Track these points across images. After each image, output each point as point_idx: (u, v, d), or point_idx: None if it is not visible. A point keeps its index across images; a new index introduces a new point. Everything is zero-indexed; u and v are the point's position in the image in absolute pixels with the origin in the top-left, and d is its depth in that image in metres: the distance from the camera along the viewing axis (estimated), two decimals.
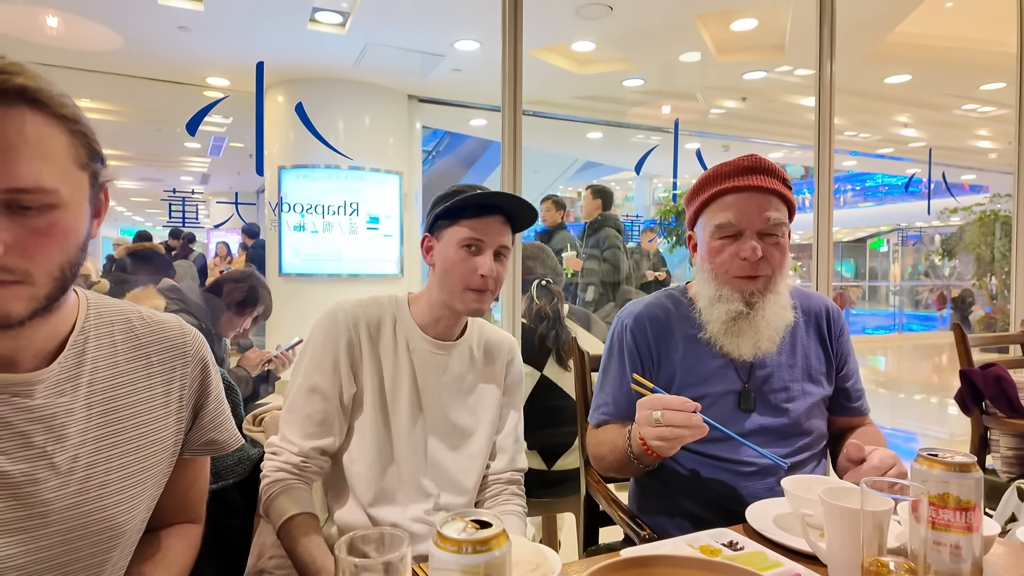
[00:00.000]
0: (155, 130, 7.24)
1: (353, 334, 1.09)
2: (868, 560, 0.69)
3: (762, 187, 1.10)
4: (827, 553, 0.77)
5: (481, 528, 0.51)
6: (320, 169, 5.38)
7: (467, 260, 1.07)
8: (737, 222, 1.11)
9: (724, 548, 0.82)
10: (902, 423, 5.23)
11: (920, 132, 7.79)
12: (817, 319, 1.24)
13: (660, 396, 0.98)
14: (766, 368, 1.17)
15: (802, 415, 1.17)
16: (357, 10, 4.12)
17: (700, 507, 1.15)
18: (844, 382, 1.24)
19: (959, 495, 0.70)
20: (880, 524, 0.70)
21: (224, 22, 4.24)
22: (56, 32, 4.14)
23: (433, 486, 1.12)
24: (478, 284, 1.07)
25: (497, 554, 0.50)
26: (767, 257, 1.11)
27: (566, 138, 7.99)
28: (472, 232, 1.07)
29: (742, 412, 1.15)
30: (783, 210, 1.12)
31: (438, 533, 0.51)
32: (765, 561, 0.79)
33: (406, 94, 5.91)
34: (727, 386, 1.16)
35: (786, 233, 1.13)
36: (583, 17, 4.22)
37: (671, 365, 1.19)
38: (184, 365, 0.78)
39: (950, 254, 9.45)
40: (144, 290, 2.16)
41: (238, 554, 1.20)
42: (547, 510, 1.95)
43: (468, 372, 1.17)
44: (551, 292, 1.91)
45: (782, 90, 5.96)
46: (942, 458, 0.73)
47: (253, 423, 1.34)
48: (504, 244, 1.10)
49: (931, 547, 0.71)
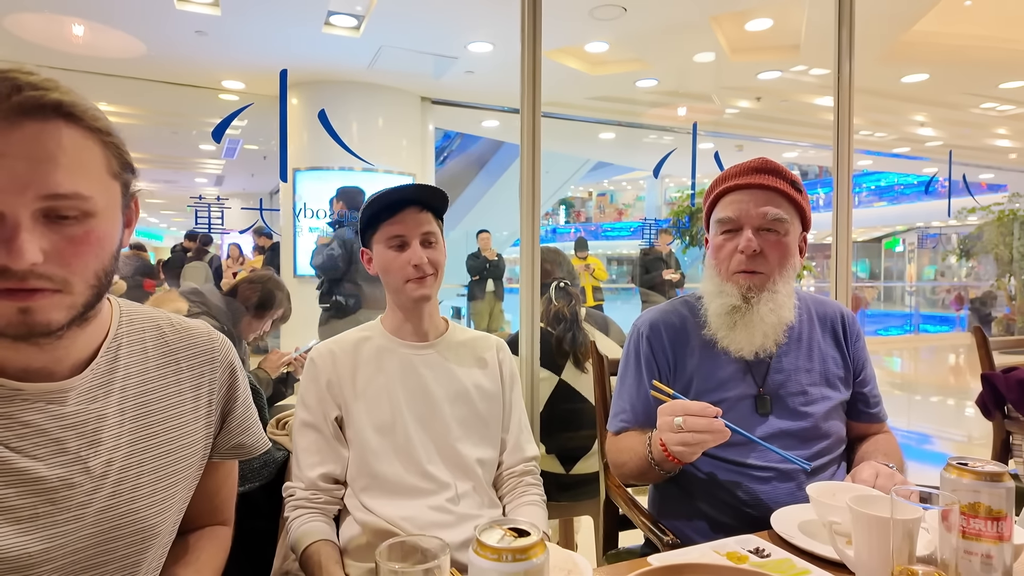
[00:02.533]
0: (171, 133, 7.33)
1: (331, 372, 1.16)
2: (898, 568, 0.69)
3: (763, 185, 1.13)
4: (855, 561, 0.77)
5: (520, 536, 0.52)
6: (334, 171, 5.42)
7: (397, 257, 1.15)
8: (736, 217, 1.14)
9: (751, 555, 0.83)
10: (919, 425, 5.17)
11: (937, 131, 7.71)
12: (833, 325, 1.25)
13: (681, 402, 0.99)
14: (783, 372, 1.18)
15: (820, 418, 1.17)
16: (372, 13, 4.15)
17: (718, 511, 1.15)
18: (861, 387, 1.25)
19: (990, 504, 0.70)
20: (910, 532, 0.70)
21: (240, 26, 4.28)
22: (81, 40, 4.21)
23: (444, 475, 1.14)
24: (413, 274, 1.14)
25: (536, 562, 0.51)
26: (765, 253, 1.12)
27: (578, 139, 7.98)
28: (392, 230, 1.15)
29: (759, 416, 1.16)
30: (785, 208, 1.14)
31: (477, 541, 0.52)
32: (793, 568, 0.79)
33: (419, 96, 5.94)
34: (744, 390, 1.17)
35: (788, 231, 1.14)
36: (597, 18, 4.22)
37: (688, 371, 1.21)
38: (212, 371, 0.80)
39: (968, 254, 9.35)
40: (167, 293, 2.19)
41: (264, 556, 1.22)
42: (565, 513, 1.95)
43: (457, 368, 1.21)
44: (569, 294, 1.92)
45: (797, 90, 5.92)
46: (972, 467, 0.73)
47: (277, 427, 1.36)
48: (427, 231, 1.16)
49: (962, 556, 0.71)
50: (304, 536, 1.08)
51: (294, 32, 4.37)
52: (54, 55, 4.56)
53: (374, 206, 1.16)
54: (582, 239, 7.56)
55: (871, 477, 0.99)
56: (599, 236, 20.41)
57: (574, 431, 1.85)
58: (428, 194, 1.17)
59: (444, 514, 1.12)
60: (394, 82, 5.55)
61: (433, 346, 1.21)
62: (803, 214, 1.17)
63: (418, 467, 1.13)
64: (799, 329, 1.22)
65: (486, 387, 1.22)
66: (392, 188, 1.16)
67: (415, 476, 1.13)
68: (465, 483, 1.16)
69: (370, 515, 1.12)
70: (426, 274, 1.15)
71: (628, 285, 6.45)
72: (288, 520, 1.12)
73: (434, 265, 1.16)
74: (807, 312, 1.25)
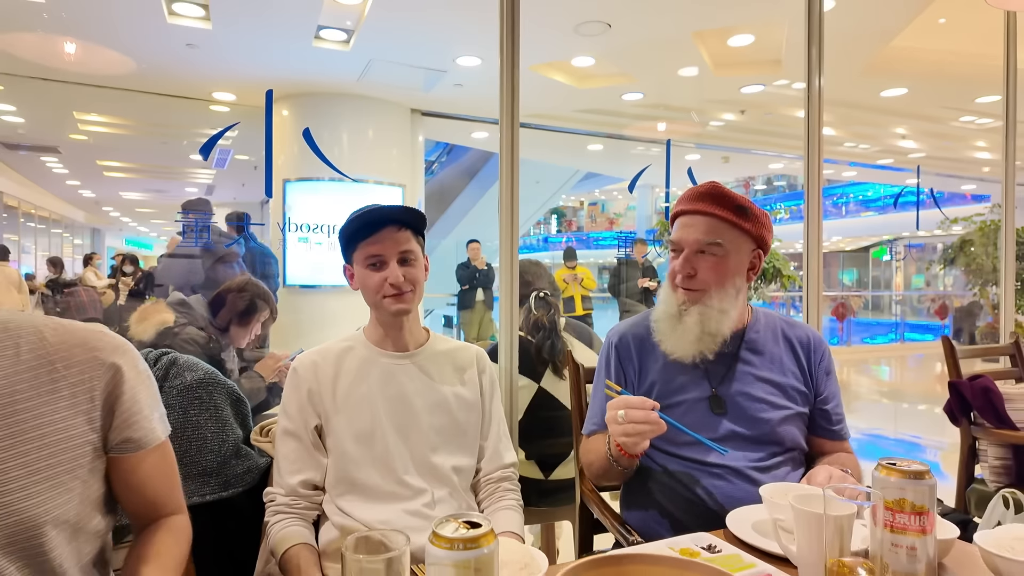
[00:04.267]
0: (161, 143, 7.35)
1: (312, 381, 1.20)
2: (831, 561, 0.74)
3: (704, 212, 1.24)
4: (797, 555, 0.83)
5: (471, 528, 0.57)
6: (324, 182, 5.46)
7: (374, 275, 1.19)
8: (678, 240, 1.27)
9: (703, 551, 0.88)
10: (904, 433, 5.25)
11: (918, 143, 7.86)
12: (797, 345, 1.33)
13: (625, 397, 1.09)
14: (741, 380, 1.27)
15: (775, 424, 1.24)
16: (361, 28, 4.21)
17: (677, 507, 1.23)
18: (823, 404, 1.32)
19: (914, 500, 0.76)
20: (842, 527, 0.76)
21: (231, 39, 4.34)
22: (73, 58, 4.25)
23: (420, 483, 1.18)
24: (390, 291, 1.19)
25: (485, 551, 0.56)
26: (699, 274, 1.24)
27: (567, 150, 8.08)
28: (370, 250, 1.19)
29: (715, 416, 1.24)
30: (726, 233, 1.23)
31: (433, 532, 0.57)
32: (740, 563, 0.85)
33: (409, 108, 6.00)
34: (700, 393, 1.26)
35: (728, 254, 1.24)
36: (582, 34, 4.31)
37: (651, 377, 1.30)
38: (93, 369, 0.84)
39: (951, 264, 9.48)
40: (155, 304, 2.23)
41: (246, 560, 1.27)
42: (545, 519, 2.00)
43: (437, 378, 1.25)
44: (548, 304, 1.97)
45: (780, 103, 6.04)
46: (899, 466, 0.79)
47: (260, 434, 1.41)
48: (405, 249, 1.19)
49: (889, 549, 0.76)
50: (283, 540, 1.12)
51: (284, 45, 4.43)
52: (46, 71, 4.59)
53: (353, 226, 1.20)
54: (571, 249, 7.64)
55: (825, 480, 1.05)
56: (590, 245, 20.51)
57: (553, 438, 1.91)
58: (405, 214, 1.21)
59: (420, 519, 1.16)
60: (384, 94, 5.61)
61: (413, 356, 1.25)
62: (751, 234, 1.25)
63: (395, 476, 1.17)
64: (762, 343, 1.31)
65: (465, 396, 1.26)
66: (369, 208, 1.20)
67: (392, 484, 1.17)
68: (441, 489, 1.20)
69: (348, 519, 1.16)
70: (403, 291, 1.19)
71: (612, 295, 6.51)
72: (268, 525, 1.16)
73: (412, 282, 1.20)
74: (772, 330, 1.33)
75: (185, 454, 1.20)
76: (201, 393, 1.24)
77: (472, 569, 0.55)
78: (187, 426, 1.21)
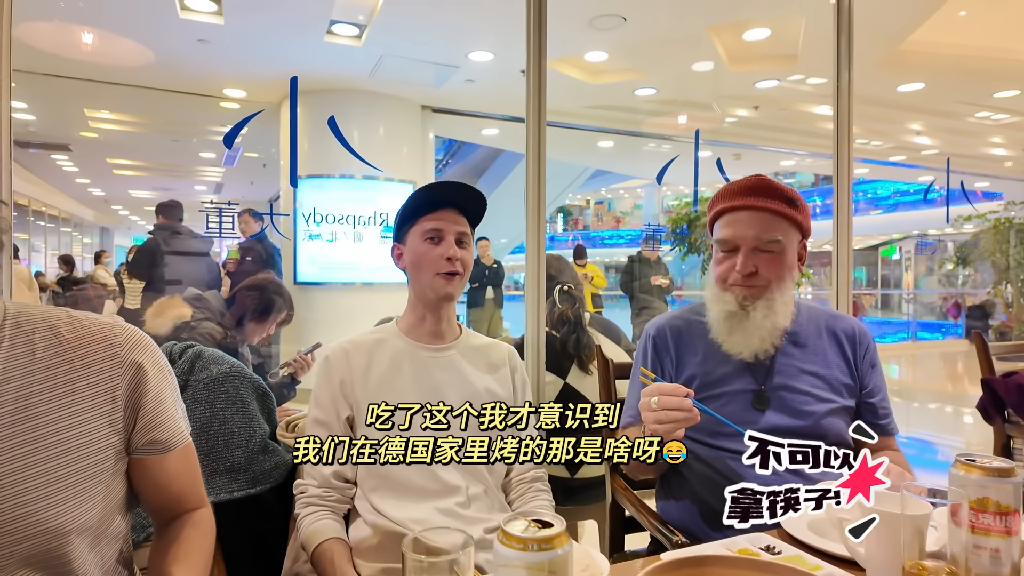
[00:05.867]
0: (172, 141, 7.34)
1: (345, 372, 1.18)
2: (909, 563, 0.70)
3: (759, 207, 1.19)
4: (866, 557, 0.79)
5: (543, 527, 0.53)
6: (335, 179, 5.43)
7: (432, 249, 1.18)
8: (733, 239, 1.21)
9: (762, 552, 0.84)
10: (918, 432, 5.19)
11: (933, 140, 7.77)
12: (843, 338, 1.29)
13: (658, 384, 1.06)
14: (785, 373, 1.23)
15: (820, 419, 1.20)
16: (373, 23, 4.18)
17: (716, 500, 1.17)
18: (870, 397, 1.28)
19: (998, 500, 0.71)
20: (920, 528, 0.71)
21: (243, 35, 4.31)
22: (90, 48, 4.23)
23: (455, 478, 1.15)
24: (446, 268, 1.17)
25: (560, 552, 0.52)
26: (760, 271, 1.19)
27: (577, 147, 8.02)
28: (431, 224, 1.18)
29: (756, 411, 1.21)
30: (781, 227, 1.20)
31: (502, 531, 0.53)
32: (804, 565, 0.80)
33: (420, 104, 5.96)
34: (743, 385, 1.23)
35: (784, 249, 1.20)
36: (596, 28, 4.26)
37: (690, 369, 1.27)
38: (113, 368, 0.79)
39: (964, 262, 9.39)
40: (170, 299, 2.20)
41: (274, 558, 1.23)
42: (570, 518, 1.96)
43: (471, 372, 1.22)
44: (573, 297, 1.93)
45: (795, 99, 5.97)
46: (980, 463, 0.74)
47: (286, 429, 1.37)
48: (462, 231, 1.20)
49: (972, 551, 0.72)
50: (315, 534, 1.09)
51: (297, 41, 4.40)
52: (62, 62, 4.57)
53: (416, 200, 1.20)
54: (580, 247, 7.59)
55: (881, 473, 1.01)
56: (597, 244, 20.46)
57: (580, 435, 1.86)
58: (469, 197, 1.21)
59: (453, 518, 1.13)
60: (395, 91, 5.58)
61: (447, 349, 1.23)
62: (801, 225, 1.22)
63: (428, 469, 1.14)
64: (805, 335, 1.27)
65: (498, 392, 1.24)
66: (435, 185, 1.21)
67: (424, 478, 1.14)
68: (477, 486, 1.17)
69: (380, 517, 1.12)
70: (456, 271, 1.18)
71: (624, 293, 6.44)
72: (299, 518, 1.13)
73: (464, 264, 1.20)
74: (815, 323, 1.30)
75: (212, 450, 1.16)
76: (227, 387, 1.20)
77: (546, 571, 0.51)
78: (214, 421, 1.18)
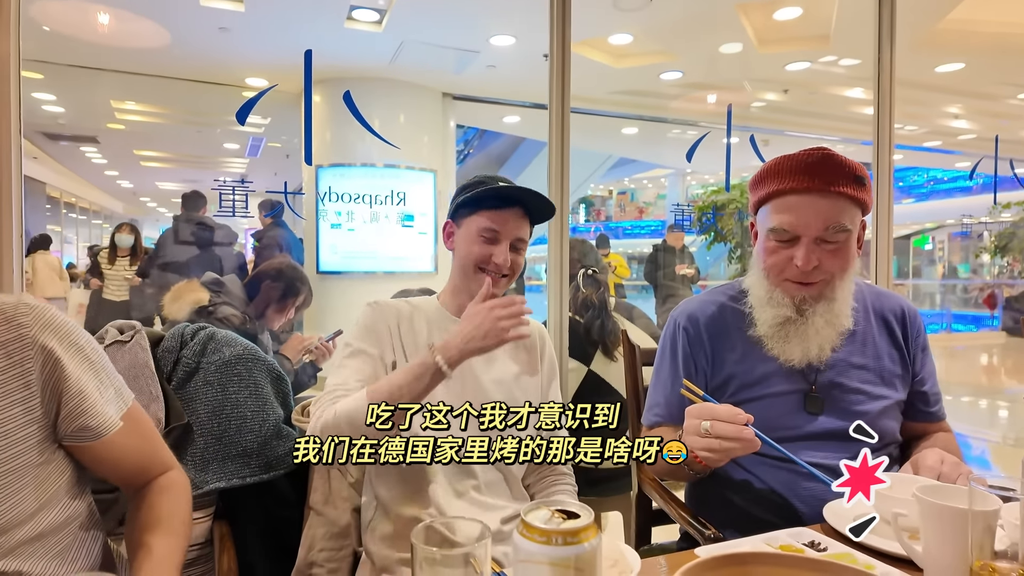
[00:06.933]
0: (196, 132, 7.40)
1: (392, 321, 1.14)
2: (978, 564, 0.63)
3: (822, 189, 1.03)
4: (924, 556, 0.71)
5: (569, 518, 0.48)
6: (356, 167, 5.41)
7: (484, 248, 1.12)
8: (793, 228, 1.04)
9: (807, 548, 0.77)
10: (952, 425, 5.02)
11: (972, 123, 7.48)
12: (892, 320, 1.18)
13: (709, 405, 0.92)
14: (835, 369, 1.11)
15: (873, 418, 1.09)
16: (394, 7, 4.13)
17: (753, 504, 1.10)
18: (920, 386, 1.18)
19: None
20: (990, 525, 0.64)
21: (264, 22, 4.29)
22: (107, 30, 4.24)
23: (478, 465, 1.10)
24: (493, 270, 1.12)
25: (587, 547, 0.46)
26: (823, 264, 1.04)
27: (600, 134, 7.87)
28: (490, 223, 1.12)
29: (808, 414, 1.09)
30: (848, 213, 1.04)
31: (523, 522, 0.47)
32: (855, 562, 0.73)
33: (440, 92, 5.91)
34: (791, 386, 1.10)
35: (849, 236, 1.05)
36: (621, 9, 4.14)
37: (728, 366, 1.14)
38: (22, 350, 0.72)
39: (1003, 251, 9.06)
40: (188, 283, 2.18)
41: (289, 546, 1.19)
42: (593, 508, 1.90)
43: (500, 353, 1.17)
44: (597, 282, 1.87)
45: (826, 81, 5.77)
46: None
47: (301, 414, 1.33)
48: (520, 236, 1.15)
49: None
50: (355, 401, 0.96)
51: (317, 26, 4.37)
52: (80, 46, 4.59)
53: (481, 192, 1.12)
54: (603, 236, 7.49)
55: (936, 463, 0.92)
56: (619, 235, 20.24)
57: None
58: (538, 202, 1.14)
59: (469, 503, 1.08)
60: (416, 78, 5.53)
61: None
62: (865, 205, 1.07)
63: None
64: (854, 322, 1.14)
65: (526, 374, 1.20)
66: (508, 184, 1.14)
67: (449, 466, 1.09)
68: (492, 472, 1.12)
69: (393, 502, 1.09)
70: (503, 275, 1.13)
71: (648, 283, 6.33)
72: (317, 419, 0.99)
73: (513, 269, 1.15)
74: (863, 305, 1.16)
75: (224, 433, 1.12)
76: (240, 369, 1.17)
77: (572, 568, 0.45)
78: (226, 404, 1.14)
